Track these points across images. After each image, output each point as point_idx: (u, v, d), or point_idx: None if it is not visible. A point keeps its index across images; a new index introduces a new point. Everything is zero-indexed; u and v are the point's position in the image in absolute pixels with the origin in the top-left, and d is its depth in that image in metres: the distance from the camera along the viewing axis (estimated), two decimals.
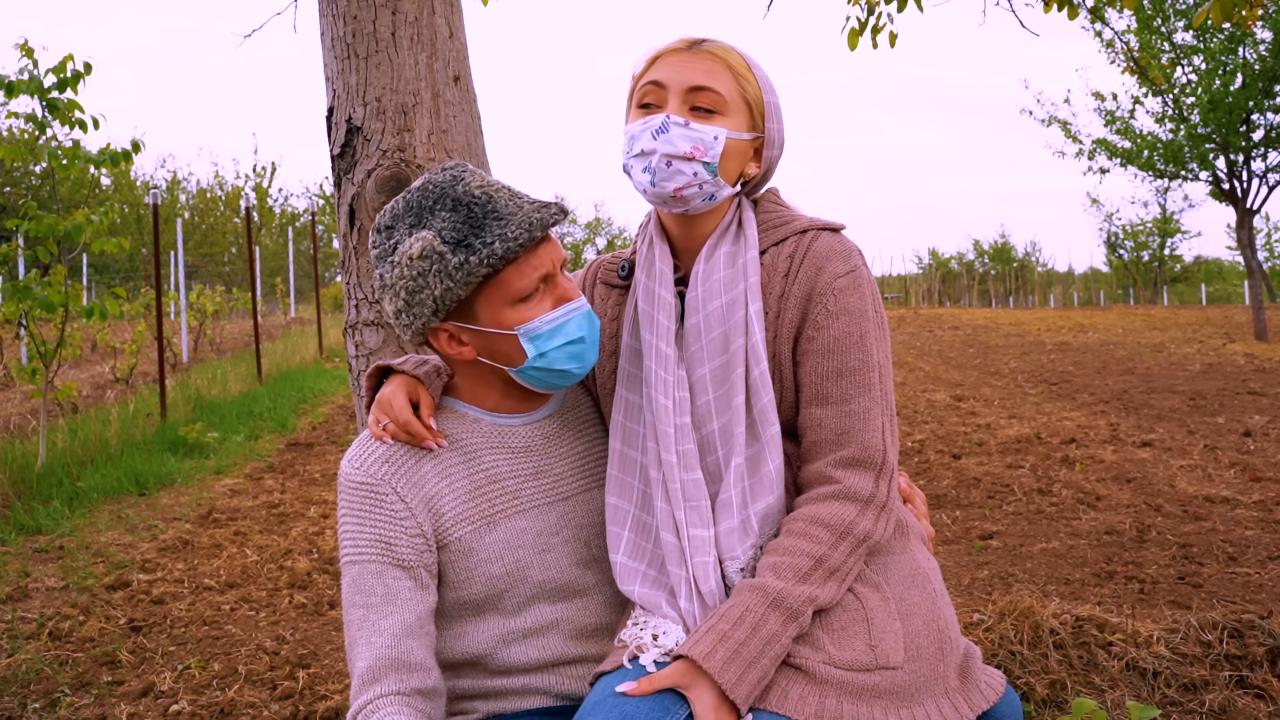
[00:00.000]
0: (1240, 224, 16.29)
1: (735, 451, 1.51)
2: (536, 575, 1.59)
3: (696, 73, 1.53)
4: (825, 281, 1.52)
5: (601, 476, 1.68)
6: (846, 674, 1.42)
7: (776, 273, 1.56)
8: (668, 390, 1.54)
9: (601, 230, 47.37)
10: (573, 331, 1.54)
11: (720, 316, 1.54)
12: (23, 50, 5.94)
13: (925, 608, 1.50)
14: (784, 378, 1.54)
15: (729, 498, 1.50)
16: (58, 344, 6.87)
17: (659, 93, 1.54)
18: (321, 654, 3.41)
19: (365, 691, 1.46)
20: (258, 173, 33.42)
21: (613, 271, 1.74)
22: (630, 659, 1.47)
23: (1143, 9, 15.10)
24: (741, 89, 1.55)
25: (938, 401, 9.10)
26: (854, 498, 1.46)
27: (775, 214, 1.62)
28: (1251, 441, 6.81)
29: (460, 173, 1.55)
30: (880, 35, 4.82)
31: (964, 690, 1.48)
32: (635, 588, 1.55)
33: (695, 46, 1.56)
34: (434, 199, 1.51)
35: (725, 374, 1.53)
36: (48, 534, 5.08)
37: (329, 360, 13.40)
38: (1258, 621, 2.98)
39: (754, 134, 1.58)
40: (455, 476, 1.59)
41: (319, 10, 2.28)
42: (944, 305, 34.75)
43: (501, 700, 1.61)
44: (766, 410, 1.51)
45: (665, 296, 1.58)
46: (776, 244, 1.58)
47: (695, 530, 1.50)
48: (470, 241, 1.46)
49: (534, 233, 1.47)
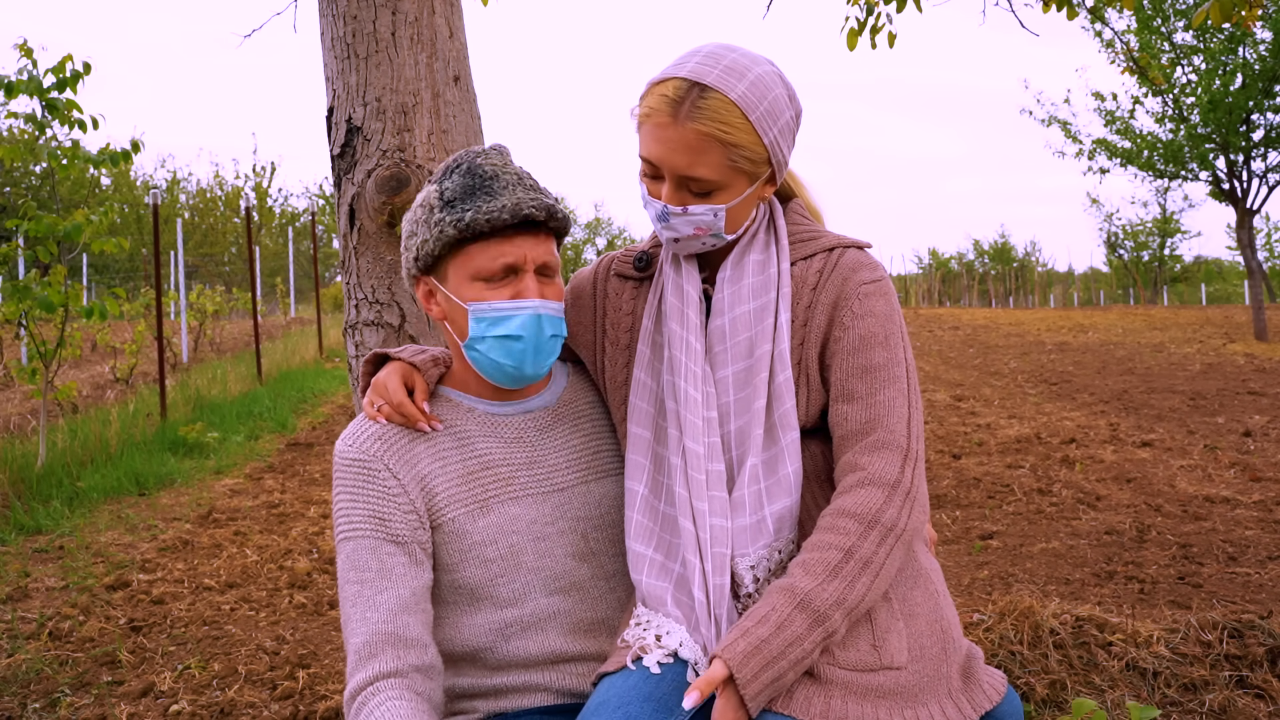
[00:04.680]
0: (1240, 224, 16.29)
1: (751, 452, 1.52)
2: (531, 562, 1.60)
3: (684, 156, 1.48)
4: (851, 287, 1.55)
5: (600, 470, 1.70)
6: (851, 674, 1.42)
7: (805, 285, 1.58)
8: (697, 383, 1.56)
9: (601, 230, 47.36)
10: (514, 328, 1.56)
11: (748, 321, 1.56)
12: (22, 50, 5.94)
13: (928, 608, 1.51)
14: (810, 382, 1.55)
15: (741, 496, 1.51)
16: (58, 344, 6.86)
17: (655, 170, 1.53)
18: (321, 654, 3.40)
19: (362, 669, 1.45)
20: (257, 173, 33.43)
21: (628, 264, 1.74)
22: (634, 660, 1.47)
23: (1143, 9, 15.10)
24: (732, 161, 1.48)
25: (938, 401, 9.10)
26: (880, 482, 1.45)
27: (804, 228, 1.64)
28: (1251, 441, 6.81)
29: (493, 151, 1.62)
30: (879, 35, 4.81)
31: (967, 691, 1.48)
32: (643, 577, 1.55)
33: (679, 114, 1.46)
34: (460, 161, 1.60)
35: (748, 378, 1.54)
36: (48, 534, 5.07)
37: (329, 360, 13.40)
38: (1258, 621, 2.98)
39: (755, 183, 1.54)
40: (449, 460, 1.61)
41: (319, 10, 2.28)
42: (944, 305, 34.76)
43: (502, 699, 1.61)
44: (788, 415, 1.52)
45: (693, 293, 1.60)
46: (805, 258, 1.60)
47: (716, 520, 1.51)
48: (455, 204, 1.54)
49: (503, 215, 1.52)
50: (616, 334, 1.70)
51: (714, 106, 1.46)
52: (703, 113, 1.46)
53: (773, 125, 1.50)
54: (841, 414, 1.52)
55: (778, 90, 1.51)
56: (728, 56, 1.50)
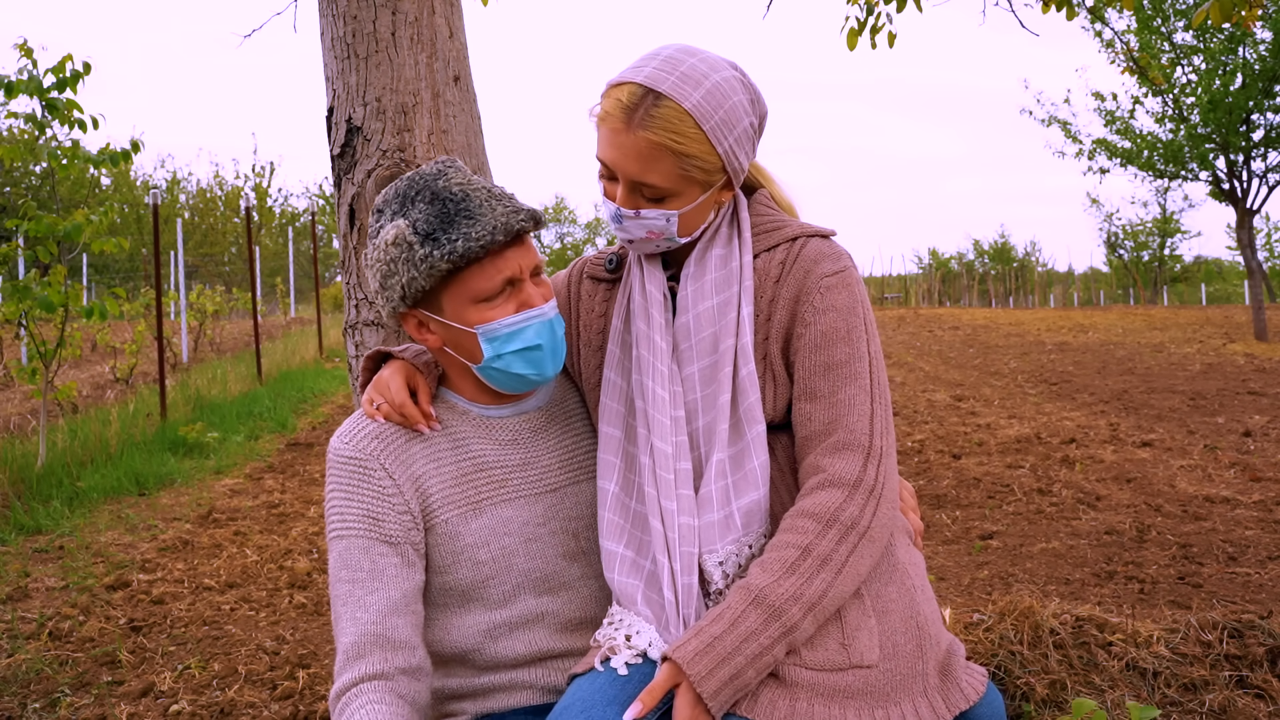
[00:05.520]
0: (1240, 224, 16.30)
1: (717, 448, 1.51)
2: (522, 564, 1.60)
3: (635, 163, 1.47)
4: (813, 281, 1.53)
5: (591, 470, 1.70)
6: (818, 675, 1.39)
7: (768, 278, 1.57)
8: (664, 382, 1.55)
9: (601, 230, 47.36)
10: (530, 338, 1.55)
11: (711, 317, 1.55)
12: (22, 50, 5.94)
13: (903, 604, 1.48)
14: (776, 377, 1.54)
15: (709, 492, 1.51)
16: (58, 344, 6.86)
17: (610, 172, 1.53)
18: (321, 654, 3.41)
19: (349, 669, 1.46)
20: (257, 173, 33.44)
21: (599, 266, 1.74)
22: (602, 661, 1.47)
23: (1142, 9, 15.10)
24: (684, 170, 1.47)
25: (938, 401, 9.10)
26: (840, 483, 1.44)
27: (767, 219, 1.62)
28: (1251, 441, 6.81)
29: (446, 168, 1.57)
30: (879, 35, 4.82)
31: (943, 689, 1.45)
32: (614, 575, 1.55)
33: (632, 121, 1.45)
34: (418, 189, 1.54)
35: (713, 373, 1.54)
36: (48, 534, 5.07)
37: (329, 360, 13.40)
38: (1258, 621, 2.98)
39: (710, 189, 1.53)
40: (443, 461, 1.61)
41: (319, 10, 2.28)
42: (944, 305, 34.74)
43: (490, 698, 1.61)
44: (753, 409, 1.51)
45: (656, 292, 1.60)
46: (769, 249, 1.59)
47: (684, 519, 1.50)
48: (438, 236, 1.49)
49: (497, 236, 1.49)
50: (589, 336, 1.71)
51: (666, 115, 1.45)
52: (655, 121, 1.44)
53: (728, 134, 1.48)
54: (805, 413, 1.51)
55: (736, 97, 1.49)
56: (685, 62, 1.47)
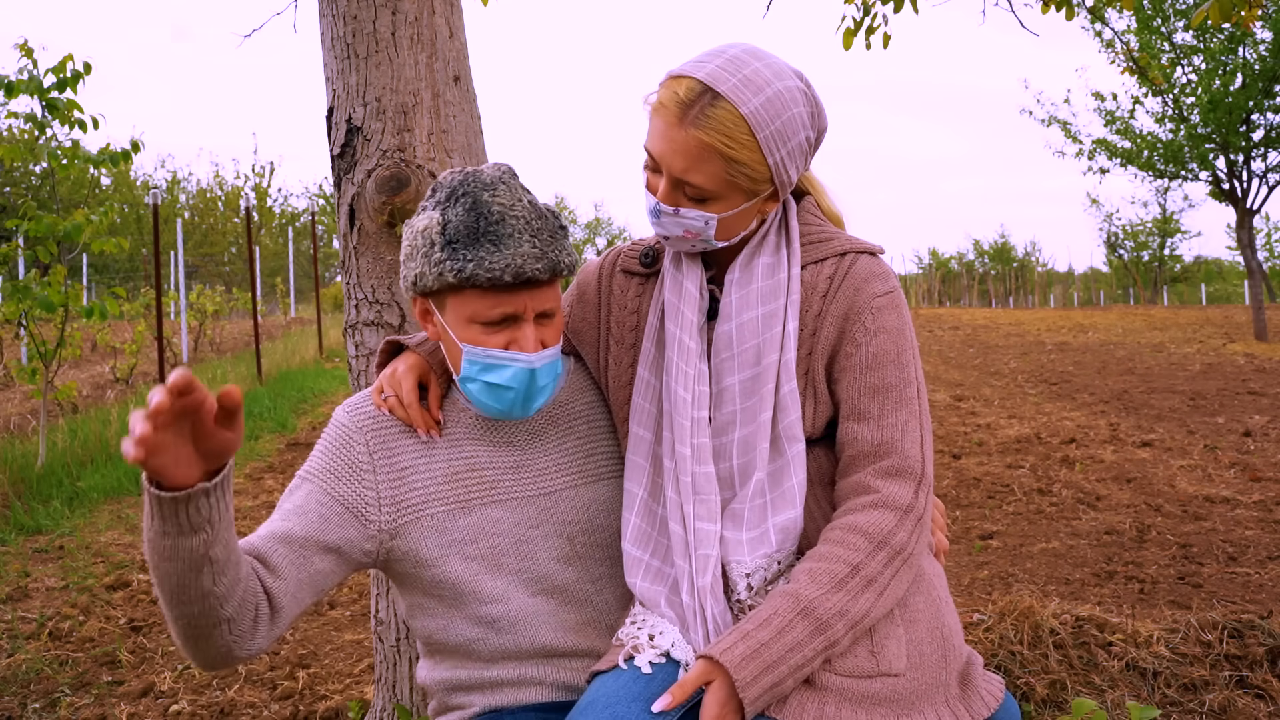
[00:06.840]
0: (1240, 224, 16.29)
1: (758, 465, 1.49)
2: (512, 564, 1.60)
3: (682, 160, 1.43)
4: (864, 300, 1.50)
5: (593, 474, 1.67)
6: (846, 680, 1.40)
7: (815, 291, 1.54)
8: (688, 384, 1.53)
9: (602, 230, 47.37)
10: (505, 378, 1.53)
11: (755, 328, 1.52)
12: (22, 50, 5.94)
13: (929, 614, 1.49)
14: (818, 394, 1.52)
15: (746, 509, 1.49)
16: (58, 344, 6.86)
17: (655, 164, 1.49)
18: (321, 654, 3.41)
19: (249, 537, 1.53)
20: (257, 173, 33.44)
21: (634, 259, 1.70)
22: (625, 659, 1.46)
23: (1142, 9, 15.10)
24: (730, 174, 1.43)
25: (938, 401, 9.10)
26: (893, 506, 1.44)
27: (815, 229, 1.59)
28: (1251, 441, 6.81)
29: (500, 180, 1.54)
30: (874, 36, 4.82)
31: (965, 698, 1.47)
32: (638, 580, 1.54)
33: (686, 117, 1.41)
34: (466, 190, 1.52)
35: (755, 387, 1.51)
36: (48, 534, 5.07)
37: (329, 360, 13.39)
38: (1258, 621, 2.98)
39: (755, 199, 1.49)
40: (435, 458, 1.61)
41: (319, 10, 2.28)
42: (944, 305, 34.75)
43: (499, 692, 1.61)
44: (793, 426, 1.49)
45: (693, 291, 1.56)
46: (816, 262, 1.55)
47: (702, 524, 1.49)
48: (458, 247, 1.48)
49: (505, 276, 1.47)
50: (621, 332, 1.67)
51: (721, 117, 1.40)
52: (709, 121, 1.40)
53: (781, 146, 1.44)
54: (852, 433, 1.49)
55: (796, 109, 1.44)
56: (750, 65, 1.43)
